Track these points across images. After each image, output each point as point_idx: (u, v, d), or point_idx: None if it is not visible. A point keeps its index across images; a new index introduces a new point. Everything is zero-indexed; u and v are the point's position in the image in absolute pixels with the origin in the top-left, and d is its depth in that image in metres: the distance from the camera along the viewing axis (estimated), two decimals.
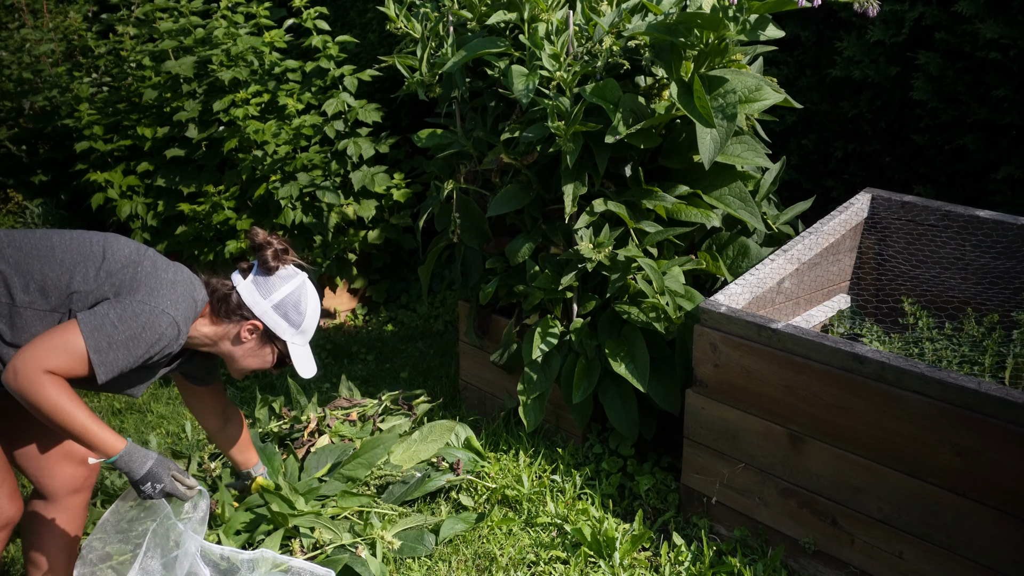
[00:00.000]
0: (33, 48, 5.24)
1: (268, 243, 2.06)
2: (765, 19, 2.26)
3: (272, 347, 2.07)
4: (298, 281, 2.08)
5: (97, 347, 1.76)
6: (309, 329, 2.10)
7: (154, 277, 1.89)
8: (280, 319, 2.04)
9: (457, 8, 2.91)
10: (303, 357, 2.11)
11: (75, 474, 2.07)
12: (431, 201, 3.08)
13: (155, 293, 1.86)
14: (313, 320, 2.10)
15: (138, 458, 1.84)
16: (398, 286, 4.67)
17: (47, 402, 1.71)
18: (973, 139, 2.88)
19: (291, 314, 2.05)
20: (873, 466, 1.97)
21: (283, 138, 4.07)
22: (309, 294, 2.10)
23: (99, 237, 1.93)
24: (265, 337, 2.05)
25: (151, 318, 1.82)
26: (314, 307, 2.11)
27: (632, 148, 2.63)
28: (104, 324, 1.78)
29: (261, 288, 2.04)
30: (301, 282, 2.09)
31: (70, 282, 1.83)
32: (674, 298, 2.50)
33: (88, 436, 1.76)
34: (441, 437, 2.76)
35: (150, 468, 1.84)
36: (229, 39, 4.25)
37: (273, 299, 2.04)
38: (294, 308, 2.05)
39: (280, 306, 2.04)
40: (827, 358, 2.00)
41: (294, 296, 2.06)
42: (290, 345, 2.07)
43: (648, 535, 2.34)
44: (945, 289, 2.48)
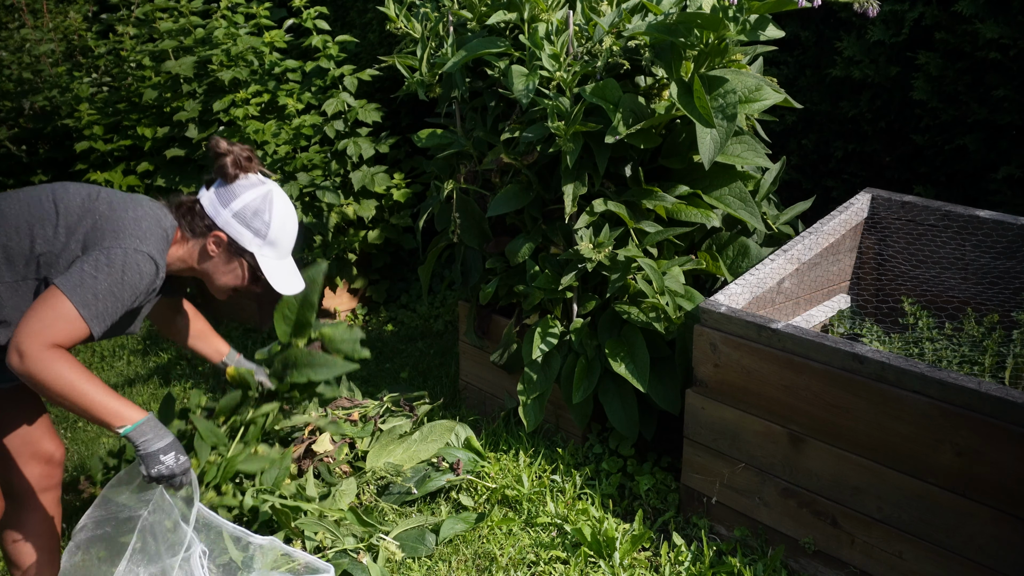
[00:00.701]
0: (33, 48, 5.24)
1: (228, 151, 1.98)
2: (765, 19, 2.26)
3: (241, 261, 2.00)
4: (262, 189, 1.99)
5: (84, 302, 1.73)
6: (279, 240, 2.01)
7: (114, 219, 1.84)
8: (242, 228, 1.96)
9: (457, 8, 2.91)
10: (277, 271, 2.01)
11: (43, 473, 2.05)
12: (431, 201, 3.08)
13: (121, 235, 1.81)
14: (283, 230, 2.00)
15: (159, 432, 1.81)
16: (398, 286, 4.67)
17: (58, 381, 1.69)
18: (973, 139, 2.88)
19: (253, 222, 1.96)
20: (873, 466, 1.97)
21: (283, 138, 4.07)
22: (275, 202, 2.00)
23: (47, 191, 1.88)
24: (232, 249, 1.98)
25: (125, 260, 1.79)
26: (282, 215, 2.00)
27: (632, 148, 2.63)
28: (83, 279, 1.75)
29: (222, 197, 1.96)
30: (267, 191, 2.00)
31: (32, 246, 1.80)
32: (674, 298, 2.50)
33: (106, 408, 1.74)
34: (441, 437, 2.76)
35: (168, 444, 1.81)
36: (229, 39, 4.25)
37: (233, 207, 1.95)
38: (256, 216, 1.96)
39: (241, 214, 1.96)
40: (827, 358, 2.00)
41: (256, 203, 1.97)
42: (259, 257, 1.98)
43: (648, 535, 2.35)
44: (945, 289, 2.48)
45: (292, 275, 2.06)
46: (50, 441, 2.06)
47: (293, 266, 2.07)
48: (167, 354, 4.11)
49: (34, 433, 2.02)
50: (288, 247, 2.03)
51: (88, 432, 3.43)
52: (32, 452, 2.03)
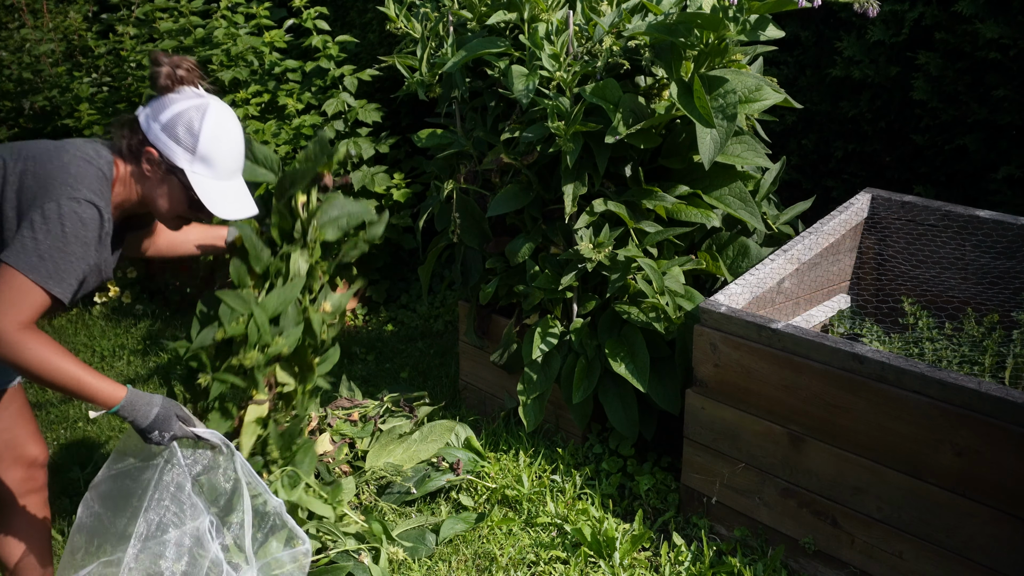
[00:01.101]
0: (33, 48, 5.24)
1: (167, 62, 1.83)
2: (765, 19, 2.26)
3: (175, 180, 1.84)
4: (197, 101, 1.83)
5: (31, 267, 1.66)
6: (213, 157, 1.83)
7: (41, 175, 1.74)
8: (170, 141, 1.80)
9: (457, 8, 2.91)
10: (212, 192, 1.84)
11: (25, 477, 2.02)
12: (431, 201, 3.08)
13: (51, 189, 1.72)
14: (217, 147, 1.83)
15: (142, 405, 1.75)
16: (398, 286, 4.67)
17: (35, 361, 1.65)
18: (973, 139, 2.88)
19: (182, 134, 1.80)
20: (873, 466, 1.97)
21: (283, 138, 4.07)
22: (211, 115, 1.83)
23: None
24: (165, 168, 1.83)
25: (61, 212, 1.69)
26: (215, 129, 1.83)
27: (632, 148, 2.63)
28: (24, 245, 1.67)
29: (155, 110, 1.82)
30: (203, 103, 1.84)
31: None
32: (674, 298, 2.50)
33: (84, 389, 1.70)
34: (441, 437, 2.76)
35: (157, 414, 1.76)
36: (229, 39, 4.25)
37: (163, 118, 1.80)
38: (185, 128, 1.80)
39: (170, 126, 1.80)
40: (827, 358, 2.00)
41: (188, 115, 1.81)
42: (190, 175, 1.82)
43: (648, 535, 2.35)
44: (945, 289, 2.48)
45: (236, 200, 1.87)
46: (34, 445, 2.03)
47: (240, 191, 1.90)
48: (167, 354, 4.11)
49: (18, 437, 2.00)
50: (228, 167, 1.86)
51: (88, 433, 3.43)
52: (15, 456, 2.00)
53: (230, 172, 1.88)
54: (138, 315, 4.67)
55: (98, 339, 4.36)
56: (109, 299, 4.81)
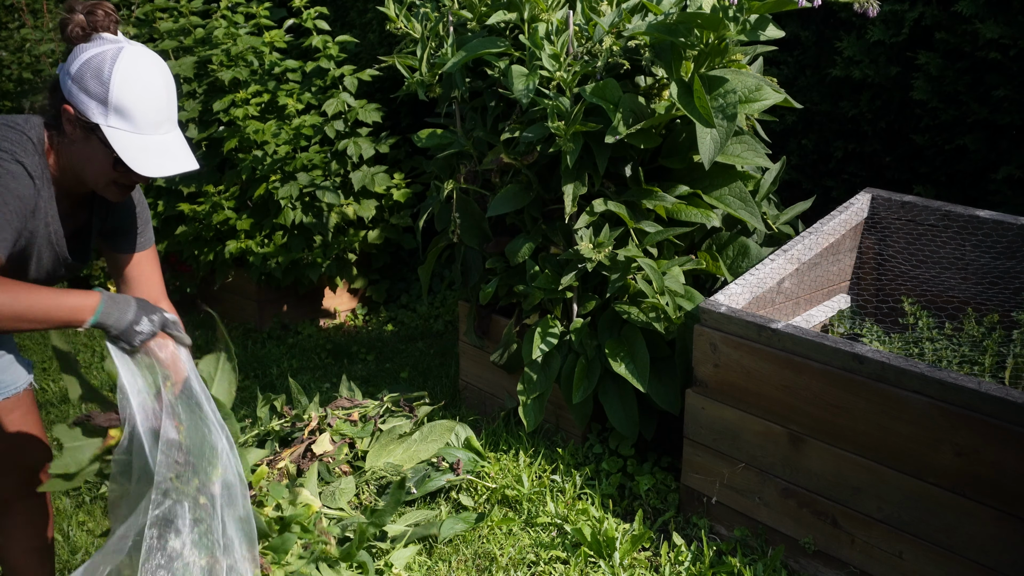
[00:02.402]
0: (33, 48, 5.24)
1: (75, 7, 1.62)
2: (765, 19, 2.26)
3: (96, 139, 1.61)
4: (110, 47, 1.60)
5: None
6: (129, 107, 1.59)
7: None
8: (80, 93, 1.57)
9: (457, 8, 2.91)
10: (131, 148, 1.60)
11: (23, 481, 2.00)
12: (431, 201, 3.08)
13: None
14: (132, 94, 1.58)
15: (119, 302, 1.58)
16: (398, 286, 4.67)
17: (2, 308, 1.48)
18: (973, 139, 2.88)
19: (90, 83, 1.57)
20: (873, 466, 1.97)
21: (283, 138, 4.07)
22: (124, 58, 1.59)
23: None
24: (81, 124, 1.61)
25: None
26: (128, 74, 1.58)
27: (632, 148, 2.63)
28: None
29: (68, 62, 1.61)
30: (115, 48, 1.60)
31: None
32: (674, 298, 2.50)
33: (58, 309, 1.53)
34: (441, 437, 2.76)
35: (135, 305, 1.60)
36: (229, 39, 4.25)
37: (71, 69, 1.58)
38: (94, 76, 1.57)
39: (78, 76, 1.57)
40: (827, 358, 2.00)
41: (96, 61, 1.57)
42: (105, 129, 1.58)
43: (648, 535, 2.35)
44: (945, 289, 2.48)
45: (162, 154, 1.62)
46: (37, 448, 2.02)
47: (169, 144, 1.64)
48: None
49: (23, 441, 1.99)
50: (149, 117, 1.61)
51: None
52: (15, 461, 1.99)
53: (153, 124, 1.62)
54: None
55: (98, 339, 4.36)
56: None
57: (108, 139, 1.59)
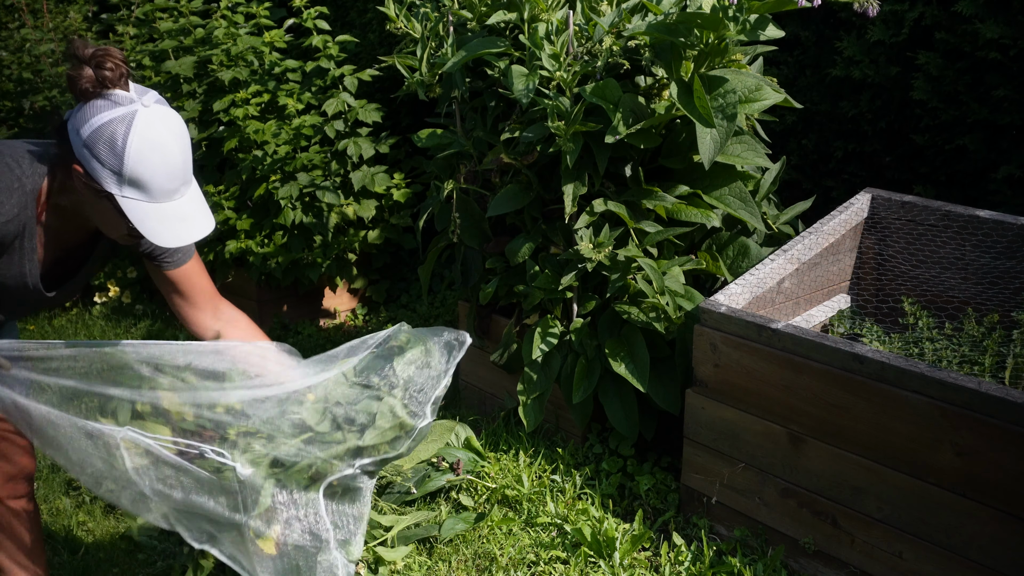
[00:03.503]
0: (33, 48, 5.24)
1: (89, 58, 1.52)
2: (765, 19, 2.26)
3: (108, 203, 1.57)
4: (122, 111, 1.52)
5: None
6: (144, 179, 1.53)
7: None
8: (92, 160, 1.52)
9: (457, 8, 2.91)
10: (148, 218, 1.55)
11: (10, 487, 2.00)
12: (431, 201, 3.08)
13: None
14: (148, 166, 1.53)
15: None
16: (398, 286, 4.67)
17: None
18: (973, 139, 2.88)
19: (104, 154, 1.51)
20: (873, 466, 1.97)
21: (283, 138, 4.07)
22: (137, 128, 1.52)
23: None
24: (92, 187, 1.56)
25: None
26: (143, 146, 1.52)
27: (632, 148, 2.63)
28: None
29: (78, 120, 1.54)
30: (128, 113, 1.52)
31: None
32: (674, 298, 2.50)
33: None
34: (441, 437, 2.76)
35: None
36: (229, 39, 4.25)
37: (83, 132, 1.52)
38: (107, 145, 1.51)
39: (90, 142, 1.51)
40: (827, 358, 2.00)
41: (111, 129, 1.51)
42: (120, 199, 1.54)
43: (648, 535, 2.35)
44: (945, 289, 2.48)
45: (180, 220, 1.59)
46: (22, 456, 2.01)
47: (185, 207, 1.60)
48: None
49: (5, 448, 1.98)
50: (164, 186, 1.56)
51: None
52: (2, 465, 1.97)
53: (168, 192, 1.57)
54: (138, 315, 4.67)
55: (98, 339, 4.36)
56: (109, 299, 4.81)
57: (123, 209, 1.56)
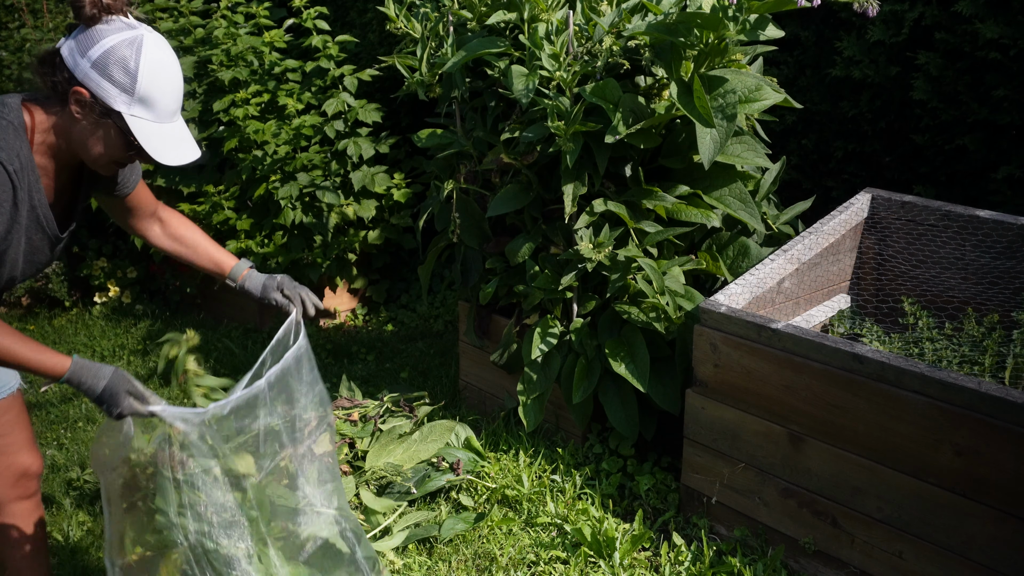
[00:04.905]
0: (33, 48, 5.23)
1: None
2: (765, 19, 2.26)
3: (111, 124, 1.64)
4: (131, 33, 1.62)
5: None
6: (154, 96, 1.63)
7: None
8: (104, 80, 1.60)
9: (457, 8, 2.91)
10: (153, 136, 1.65)
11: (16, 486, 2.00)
12: (431, 201, 3.08)
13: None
14: (158, 86, 1.63)
15: (89, 376, 1.66)
16: (398, 286, 4.67)
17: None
18: (973, 139, 2.88)
19: (116, 73, 1.60)
20: (873, 466, 1.97)
21: (283, 138, 4.07)
22: (147, 50, 1.62)
23: None
24: (97, 109, 1.63)
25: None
26: (154, 65, 1.62)
27: (632, 148, 2.63)
28: None
29: (81, 44, 1.61)
30: (136, 35, 1.62)
31: None
32: (674, 298, 2.50)
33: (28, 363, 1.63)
34: (441, 437, 2.76)
35: (104, 387, 1.66)
36: (229, 39, 4.25)
37: (92, 54, 1.60)
38: (120, 66, 1.60)
39: (101, 63, 1.59)
40: (827, 358, 2.00)
41: (121, 50, 1.60)
42: (127, 118, 1.62)
43: (648, 535, 2.35)
44: (945, 289, 2.48)
45: (177, 142, 1.69)
46: (27, 454, 2.02)
47: (181, 131, 1.71)
48: None
49: (12, 445, 1.98)
50: (169, 107, 1.67)
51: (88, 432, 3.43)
52: (6, 464, 1.98)
53: (171, 112, 1.68)
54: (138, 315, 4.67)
55: (98, 339, 4.36)
56: (109, 299, 4.81)
57: (130, 128, 1.63)
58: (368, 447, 2.74)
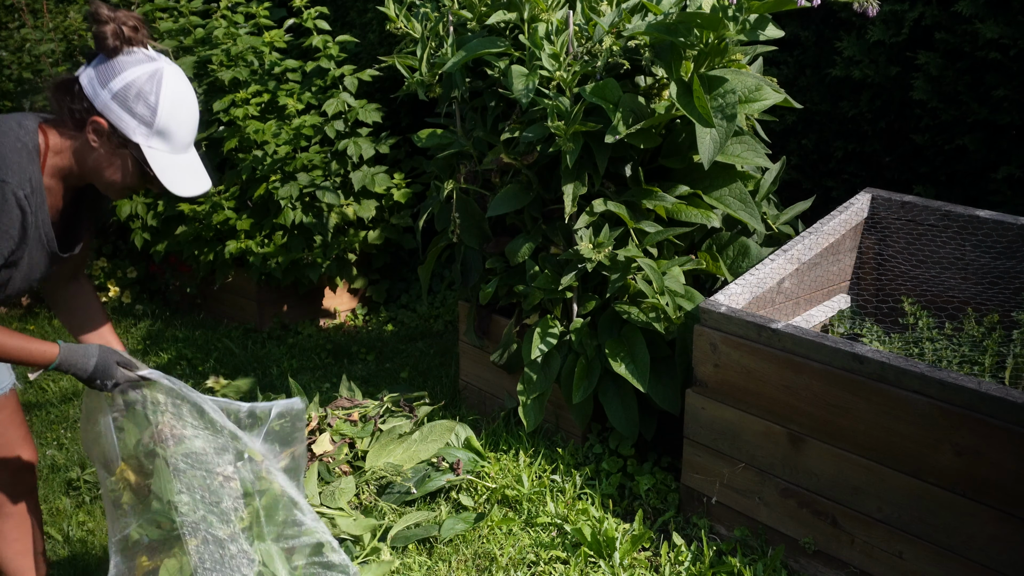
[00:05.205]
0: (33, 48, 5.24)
1: (111, 18, 1.65)
2: (765, 19, 2.26)
3: (128, 154, 1.69)
4: (151, 67, 1.67)
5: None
6: (171, 129, 1.69)
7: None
8: (124, 112, 1.65)
9: (457, 8, 2.91)
10: (170, 168, 1.70)
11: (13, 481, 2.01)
12: (431, 201, 3.08)
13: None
14: (176, 119, 1.69)
15: (79, 357, 1.73)
16: (398, 286, 4.67)
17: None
18: (973, 139, 2.88)
19: (136, 106, 1.65)
20: (873, 466, 1.97)
21: (283, 138, 4.07)
22: (166, 82, 1.67)
23: None
24: (115, 139, 1.67)
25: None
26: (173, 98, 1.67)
27: (632, 148, 2.63)
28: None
29: (102, 75, 1.66)
30: (156, 68, 1.67)
31: None
32: (674, 298, 2.50)
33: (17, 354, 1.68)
34: (441, 437, 2.76)
35: (95, 364, 1.73)
36: (229, 39, 4.25)
37: (113, 86, 1.64)
38: (140, 99, 1.64)
39: (122, 95, 1.64)
40: (827, 358, 2.00)
41: (141, 83, 1.65)
42: (146, 150, 1.67)
43: (648, 535, 2.35)
44: (945, 289, 2.48)
45: (191, 173, 1.74)
46: (23, 449, 2.02)
47: (195, 162, 1.75)
48: (167, 354, 4.11)
49: (7, 442, 1.99)
50: (185, 139, 1.72)
51: None
52: (3, 460, 1.99)
53: (186, 144, 1.73)
54: (138, 315, 4.67)
55: None
56: (109, 299, 4.81)
57: (147, 159, 1.68)
58: (368, 447, 2.74)
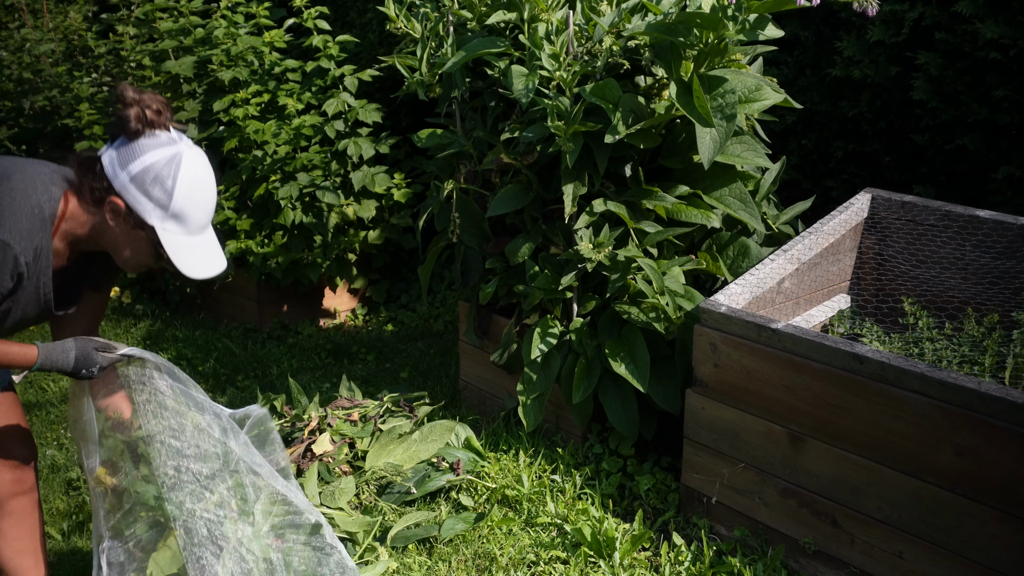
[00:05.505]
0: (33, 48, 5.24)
1: (135, 101, 1.68)
2: (764, 19, 2.26)
3: (143, 235, 1.72)
4: (171, 150, 1.70)
5: None
6: (187, 213, 1.71)
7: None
8: (140, 195, 1.68)
9: (457, 8, 2.91)
10: (183, 250, 1.73)
11: (13, 479, 2.01)
12: (431, 201, 3.08)
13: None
14: (190, 202, 1.71)
15: (58, 354, 1.77)
16: (398, 286, 4.67)
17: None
18: (973, 139, 2.88)
19: (153, 190, 1.67)
20: (873, 466, 1.97)
21: (283, 138, 4.07)
22: (183, 167, 1.70)
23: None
24: (132, 220, 1.71)
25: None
26: (190, 183, 1.70)
27: (632, 148, 2.63)
28: None
29: (123, 156, 1.69)
30: (174, 152, 1.70)
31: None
32: (674, 298, 2.50)
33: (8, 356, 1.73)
34: (441, 437, 2.76)
35: (75, 356, 1.77)
36: (229, 39, 4.26)
37: (132, 169, 1.68)
38: (157, 182, 1.67)
39: (140, 179, 1.67)
40: (827, 358, 2.00)
41: (159, 167, 1.68)
42: (160, 232, 1.70)
43: (648, 535, 2.35)
44: (945, 289, 2.48)
45: (206, 255, 1.77)
46: (22, 446, 2.02)
47: (210, 243, 1.79)
48: (167, 354, 4.11)
49: (6, 439, 1.99)
50: (201, 221, 1.75)
51: None
52: (3, 458, 1.99)
53: (202, 226, 1.77)
54: (138, 315, 4.67)
55: None
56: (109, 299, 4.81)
57: (162, 242, 1.71)
58: (368, 447, 2.74)
